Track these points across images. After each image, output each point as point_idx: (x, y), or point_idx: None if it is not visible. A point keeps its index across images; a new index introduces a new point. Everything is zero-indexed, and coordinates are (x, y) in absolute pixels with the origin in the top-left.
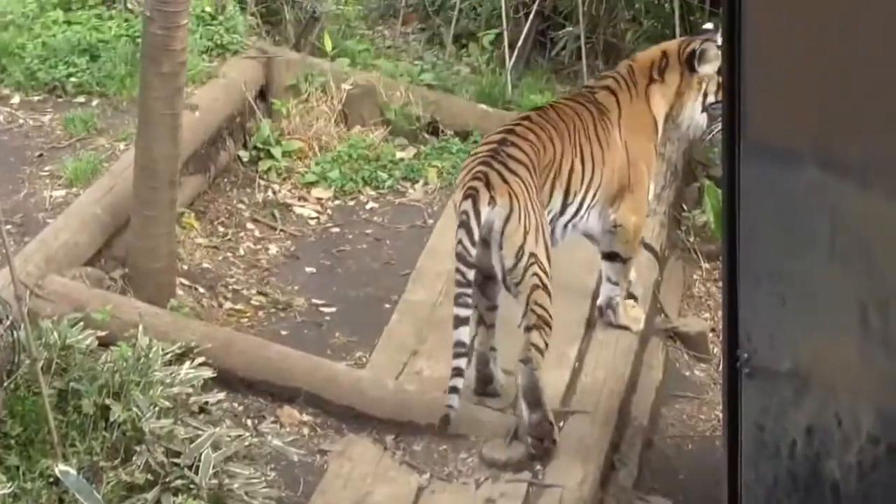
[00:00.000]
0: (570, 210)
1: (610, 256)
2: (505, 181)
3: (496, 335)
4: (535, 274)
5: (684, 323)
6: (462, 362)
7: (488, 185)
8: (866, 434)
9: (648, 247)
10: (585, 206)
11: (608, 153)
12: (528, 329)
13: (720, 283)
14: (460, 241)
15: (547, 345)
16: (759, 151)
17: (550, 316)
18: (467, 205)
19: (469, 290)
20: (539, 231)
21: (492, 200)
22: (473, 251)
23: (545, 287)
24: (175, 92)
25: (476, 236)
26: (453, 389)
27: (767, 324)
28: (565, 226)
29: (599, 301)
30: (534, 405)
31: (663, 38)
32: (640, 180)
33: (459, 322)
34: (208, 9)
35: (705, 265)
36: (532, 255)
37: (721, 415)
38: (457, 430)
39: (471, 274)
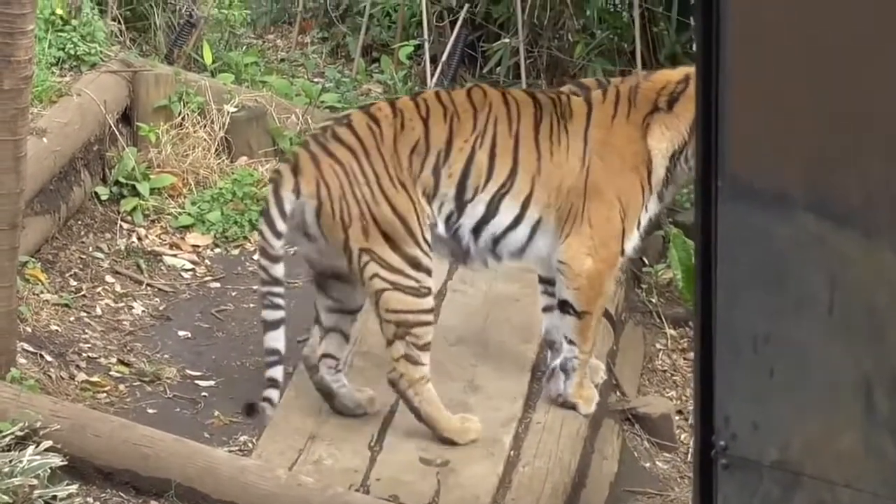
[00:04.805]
0: (475, 212)
1: (561, 306)
2: (317, 166)
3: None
4: (376, 275)
5: (645, 403)
6: (276, 372)
7: (296, 170)
8: None
9: None
10: (508, 216)
11: (547, 162)
12: (389, 343)
13: (689, 354)
14: (261, 233)
15: (424, 346)
16: (740, 193)
17: (413, 312)
18: (269, 190)
19: (275, 289)
20: (371, 223)
21: (296, 188)
22: (276, 244)
23: (396, 286)
24: (18, 113)
25: (279, 227)
26: (266, 399)
27: (750, 404)
28: (476, 233)
29: (554, 362)
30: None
31: (620, 53)
32: (604, 214)
33: (268, 326)
34: (59, 11)
35: (671, 332)
36: (364, 251)
37: None
38: None
39: (275, 269)
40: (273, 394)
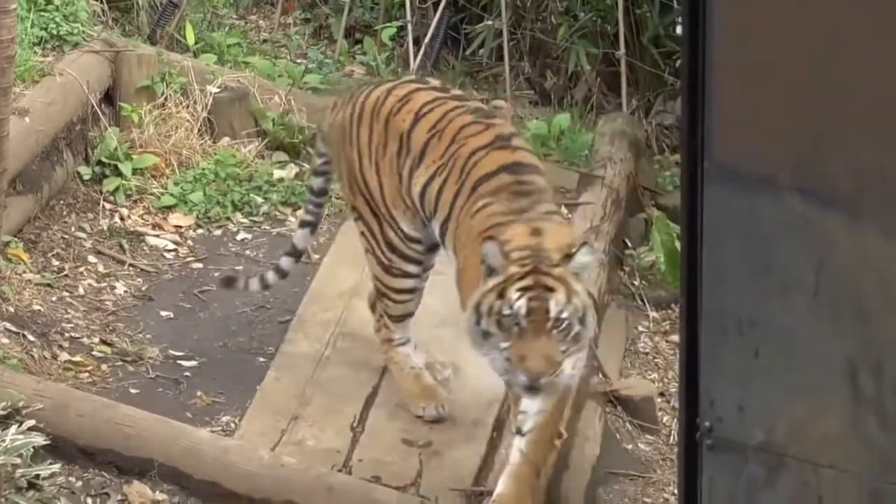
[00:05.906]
0: (434, 232)
1: None
2: (333, 117)
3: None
4: (363, 233)
5: (627, 385)
6: (286, 262)
7: (334, 109)
8: None
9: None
10: (454, 261)
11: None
12: (375, 298)
13: (671, 337)
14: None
15: (392, 317)
16: (726, 176)
17: (383, 284)
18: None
19: (308, 196)
20: (356, 185)
21: (323, 138)
22: (317, 161)
23: (373, 252)
24: (0, 93)
25: (320, 148)
26: (261, 278)
27: (735, 386)
28: (443, 231)
29: None
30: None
31: (603, 35)
32: (467, 282)
33: (299, 225)
34: None
35: (653, 314)
36: (354, 208)
37: (673, 497)
38: None
39: (313, 181)
40: (271, 276)
